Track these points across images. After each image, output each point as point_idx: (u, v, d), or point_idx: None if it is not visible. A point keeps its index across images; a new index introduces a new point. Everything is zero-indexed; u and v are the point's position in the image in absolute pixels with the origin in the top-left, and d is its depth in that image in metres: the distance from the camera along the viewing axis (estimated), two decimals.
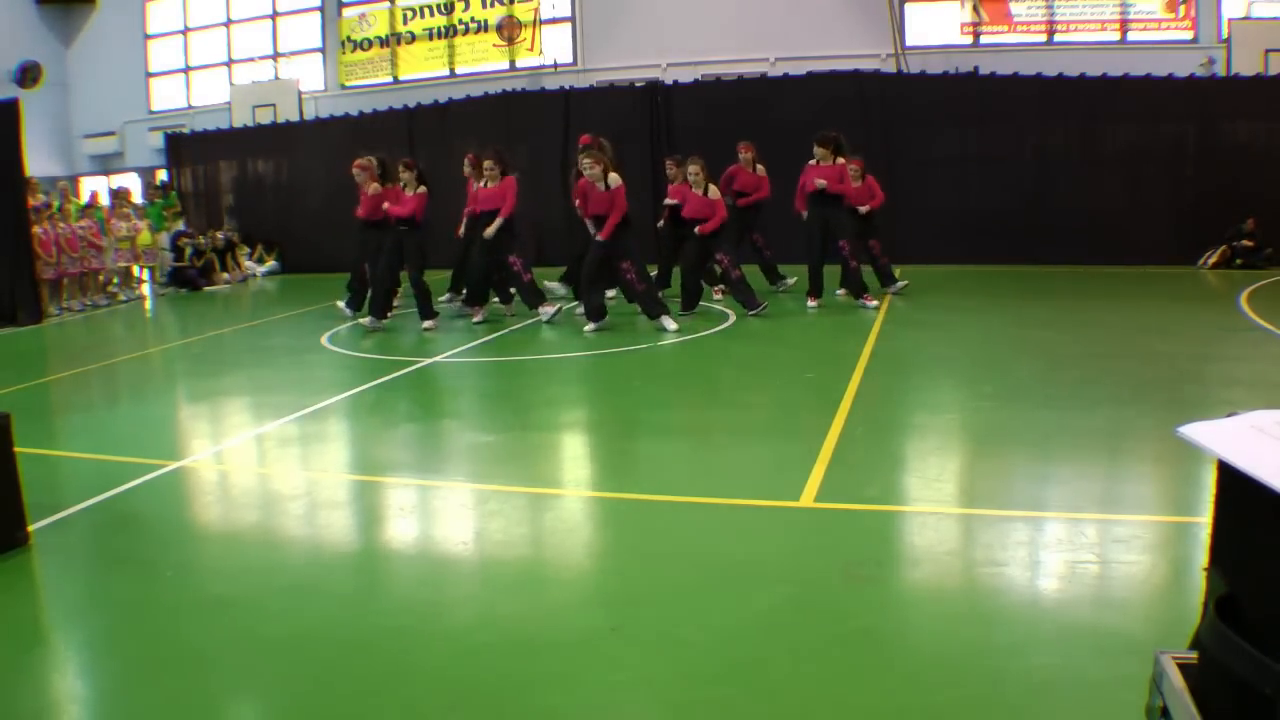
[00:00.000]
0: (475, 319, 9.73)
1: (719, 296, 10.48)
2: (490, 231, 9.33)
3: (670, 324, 8.72)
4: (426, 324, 9.45)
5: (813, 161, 9.70)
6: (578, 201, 9.20)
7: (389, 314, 9.81)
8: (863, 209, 9.91)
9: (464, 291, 10.39)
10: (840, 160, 9.66)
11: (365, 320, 9.76)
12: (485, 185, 9.57)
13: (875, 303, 9.61)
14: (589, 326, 8.86)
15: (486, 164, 9.56)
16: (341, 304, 10.64)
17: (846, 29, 14.50)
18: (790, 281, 10.96)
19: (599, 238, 8.83)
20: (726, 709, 2.69)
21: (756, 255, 10.75)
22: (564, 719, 2.70)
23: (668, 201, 9.96)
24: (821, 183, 9.46)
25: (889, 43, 14.41)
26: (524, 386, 7.32)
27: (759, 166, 10.48)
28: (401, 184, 9.55)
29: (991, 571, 3.53)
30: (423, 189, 9.43)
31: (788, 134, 11.56)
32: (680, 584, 3.52)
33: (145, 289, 14.61)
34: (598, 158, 8.87)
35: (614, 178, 8.83)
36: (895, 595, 3.42)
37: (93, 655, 3.22)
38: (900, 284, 10.34)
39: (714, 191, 9.36)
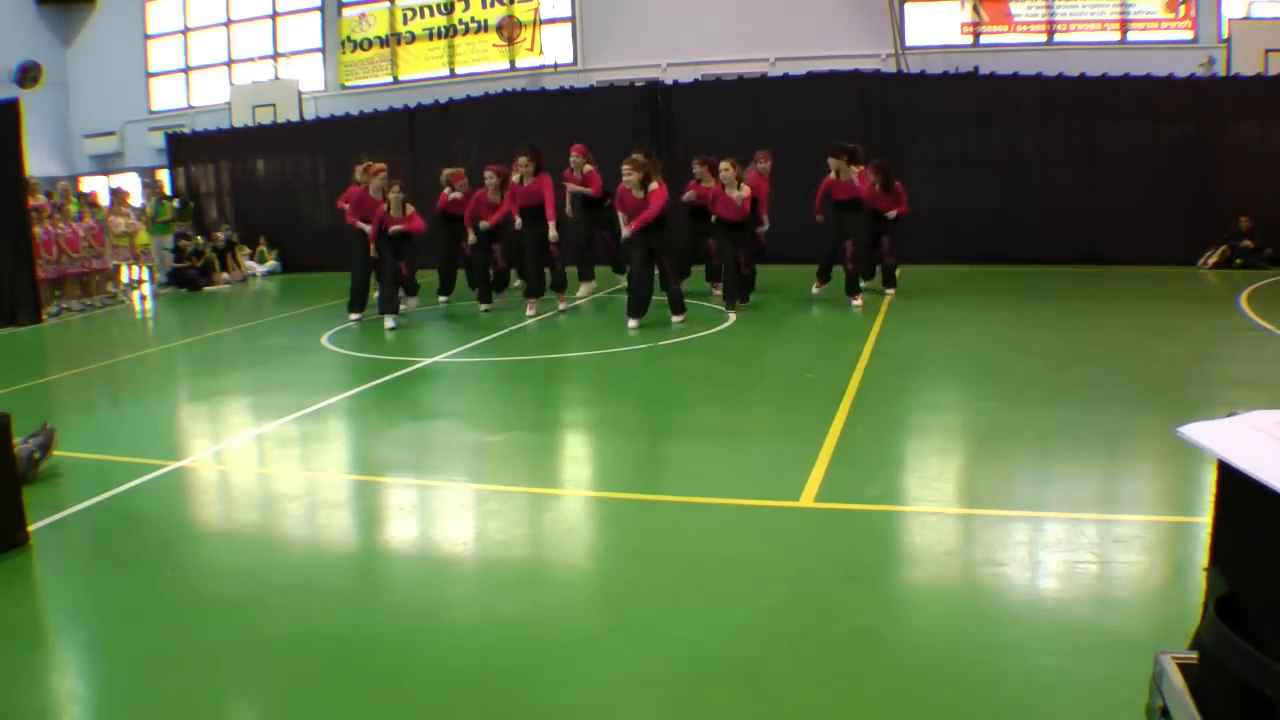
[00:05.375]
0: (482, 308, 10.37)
1: (716, 293, 10.51)
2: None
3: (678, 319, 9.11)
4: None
5: (832, 175, 9.76)
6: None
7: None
8: (890, 214, 9.94)
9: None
10: (855, 169, 9.72)
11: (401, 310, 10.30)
12: (522, 182, 9.85)
13: (860, 303, 9.67)
14: (676, 318, 9.14)
15: (522, 160, 9.77)
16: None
17: (846, 29, 14.51)
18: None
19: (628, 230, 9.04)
20: (726, 709, 2.69)
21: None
22: (564, 719, 2.70)
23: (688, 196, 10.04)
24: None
25: (889, 43, 14.42)
26: (524, 386, 7.32)
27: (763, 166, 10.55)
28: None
29: (991, 571, 3.53)
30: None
31: (788, 134, 11.58)
32: (680, 584, 3.51)
33: (145, 289, 14.62)
34: (637, 164, 9.09)
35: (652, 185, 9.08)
36: (895, 595, 3.42)
37: (93, 655, 3.22)
38: (889, 292, 10.31)
39: (745, 190, 9.53)
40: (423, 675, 2.94)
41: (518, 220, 10.00)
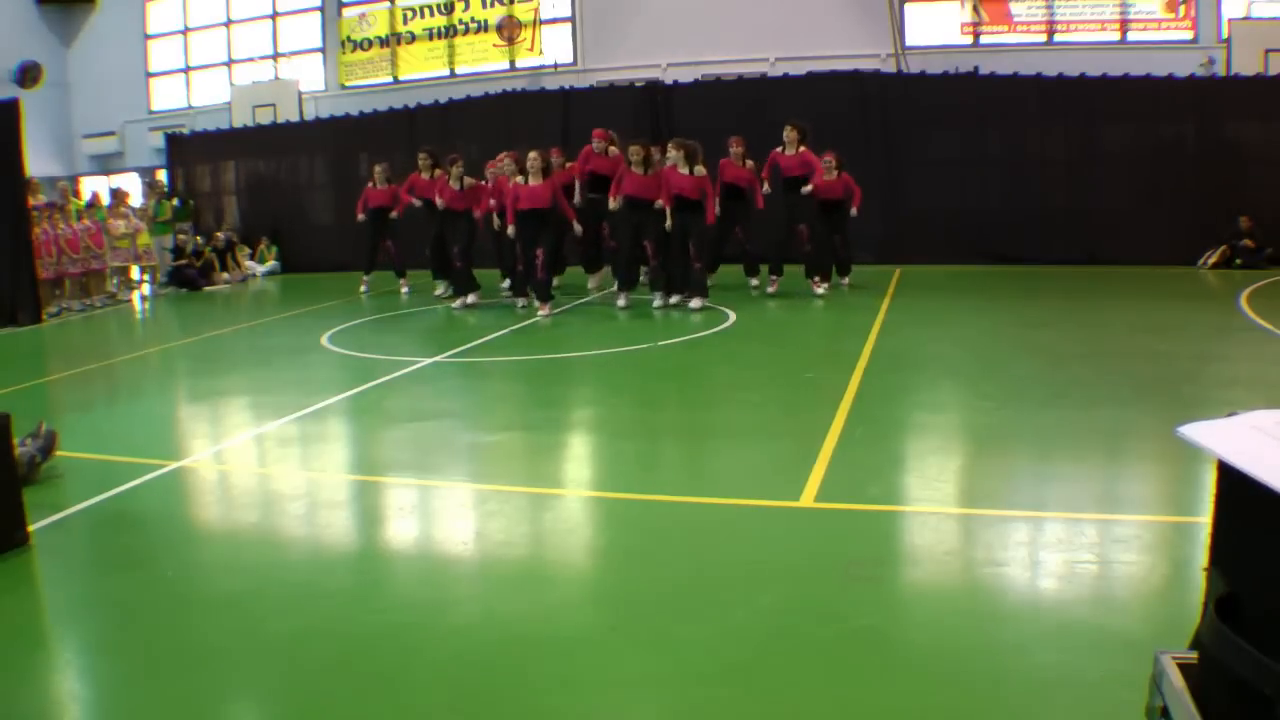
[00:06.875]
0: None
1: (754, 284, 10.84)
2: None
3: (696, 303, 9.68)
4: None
5: (779, 149, 10.20)
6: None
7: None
8: (854, 210, 10.42)
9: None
10: (804, 149, 10.04)
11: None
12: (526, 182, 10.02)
13: (823, 290, 10.15)
14: (695, 303, 9.67)
15: (531, 155, 9.89)
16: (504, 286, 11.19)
17: (846, 29, 14.51)
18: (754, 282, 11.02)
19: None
20: (726, 709, 2.69)
21: (736, 248, 10.85)
22: (564, 719, 2.71)
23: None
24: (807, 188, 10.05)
25: (889, 43, 14.42)
26: (524, 386, 7.32)
27: (748, 162, 10.57)
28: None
29: (991, 571, 3.54)
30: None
31: None
32: (680, 584, 3.51)
33: (145, 289, 14.61)
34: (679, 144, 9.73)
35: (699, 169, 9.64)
36: (895, 595, 3.42)
37: (93, 655, 3.22)
38: (841, 282, 10.75)
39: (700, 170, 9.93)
40: (423, 674, 2.94)
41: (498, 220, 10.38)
